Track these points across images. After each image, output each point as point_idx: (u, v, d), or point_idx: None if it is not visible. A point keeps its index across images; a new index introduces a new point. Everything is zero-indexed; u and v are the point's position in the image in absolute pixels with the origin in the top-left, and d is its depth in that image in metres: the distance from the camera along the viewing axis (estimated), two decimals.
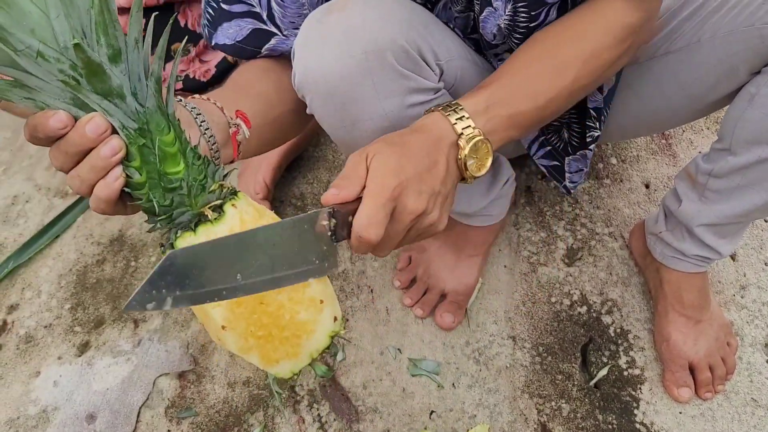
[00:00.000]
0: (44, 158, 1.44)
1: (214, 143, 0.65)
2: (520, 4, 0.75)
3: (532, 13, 0.75)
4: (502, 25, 0.79)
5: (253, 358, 0.56)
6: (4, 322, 1.18)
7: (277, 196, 1.35)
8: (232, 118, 0.69)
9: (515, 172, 1.11)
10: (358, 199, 0.61)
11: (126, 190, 0.54)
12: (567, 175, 1.04)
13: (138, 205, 0.56)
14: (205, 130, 0.64)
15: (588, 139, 0.95)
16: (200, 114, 0.65)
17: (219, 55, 1.32)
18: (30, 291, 1.22)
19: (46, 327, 1.17)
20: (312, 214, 0.57)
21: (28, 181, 1.40)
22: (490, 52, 0.91)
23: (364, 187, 0.61)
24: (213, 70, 1.31)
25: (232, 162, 0.71)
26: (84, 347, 1.14)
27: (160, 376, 1.10)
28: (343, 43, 0.71)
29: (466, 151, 0.67)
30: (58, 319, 1.18)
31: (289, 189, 1.37)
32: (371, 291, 1.20)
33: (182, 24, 1.29)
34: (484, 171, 0.70)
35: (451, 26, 0.89)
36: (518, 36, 0.80)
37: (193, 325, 1.16)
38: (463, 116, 0.68)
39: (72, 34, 0.47)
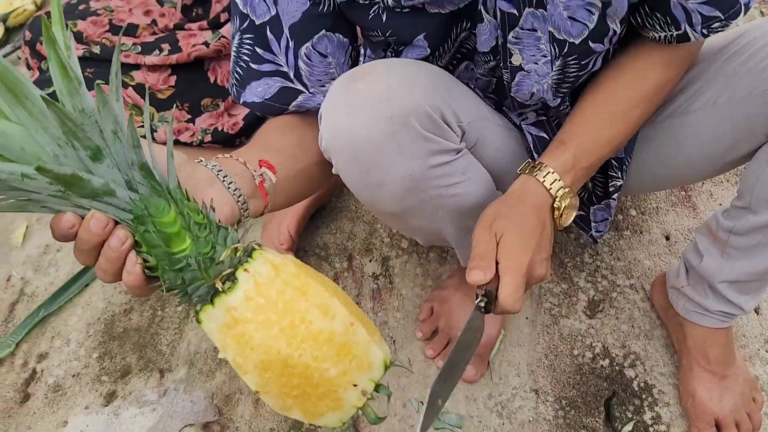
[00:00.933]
0: None
1: (240, 196, 0.67)
2: (570, 58, 0.80)
3: (582, 63, 0.81)
4: (550, 82, 0.83)
5: (296, 414, 0.56)
6: (34, 371, 1.20)
7: (300, 245, 1.37)
8: (255, 170, 0.71)
9: None
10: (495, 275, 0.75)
11: (147, 271, 0.56)
12: (593, 224, 1.05)
13: (160, 285, 0.57)
14: (229, 184, 0.66)
15: (611, 189, 0.97)
16: (221, 170, 0.66)
17: (246, 109, 1.36)
18: (59, 340, 1.25)
19: (74, 376, 1.19)
20: (474, 313, 0.74)
21: None
22: (514, 109, 0.94)
23: (497, 261, 0.75)
24: (241, 123, 1.35)
25: (262, 214, 0.73)
26: (110, 397, 1.16)
27: (185, 426, 1.11)
28: (369, 108, 0.74)
29: (562, 209, 0.80)
30: (86, 368, 1.20)
31: (313, 239, 1.39)
32: (393, 342, 1.21)
33: (212, 80, 1.34)
34: (572, 217, 0.82)
35: (472, 86, 0.92)
36: (566, 86, 0.85)
37: (218, 376, 1.17)
38: (556, 179, 0.80)
39: (56, 142, 0.48)
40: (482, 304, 0.73)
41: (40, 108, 0.47)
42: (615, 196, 0.98)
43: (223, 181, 0.66)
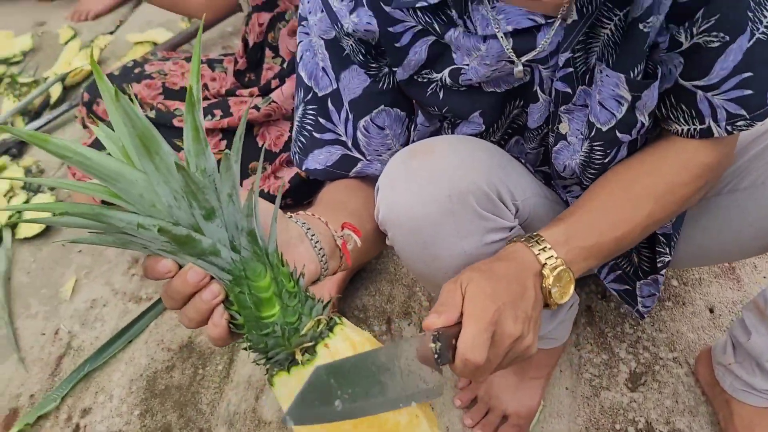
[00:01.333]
0: (122, 263, 1.52)
1: (324, 255, 0.69)
2: (596, 143, 0.80)
3: (608, 151, 0.81)
4: (578, 161, 0.84)
5: None
6: (77, 426, 1.22)
7: (339, 308, 1.38)
8: (336, 231, 0.73)
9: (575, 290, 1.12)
10: (458, 324, 0.64)
11: (232, 326, 0.58)
12: (639, 299, 1.05)
13: (242, 341, 0.59)
14: (316, 243, 0.69)
15: (659, 264, 0.97)
16: (310, 228, 0.70)
17: (292, 172, 1.41)
18: (103, 395, 1.26)
19: None
20: (417, 338, 0.60)
21: (106, 285, 1.48)
22: (559, 183, 0.96)
23: (461, 314, 0.65)
24: (287, 185, 1.39)
25: (334, 273, 0.75)
26: None
27: None
28: (427, 186, 0.76)
29: (550, 281, 0.72)
30: (128, 426, 1.21)
31: (352, 301, 1.40)
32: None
33: (260, 145, 1.39)
34: (567, 298, 0.74)
35: (522, 161, 0.95)
36: (592, 171, 0.85)
37: None
38: (545, 247, 0.73)
39: (173, 195, 0.51)
40: (436, 348, 0.60)
41: (167, 164, 0.50)
42: (663, 272, 0.98)
43: (311, 239, 0.69)
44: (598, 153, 0.82)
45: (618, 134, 0.78)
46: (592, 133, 0.80)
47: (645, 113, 0.77)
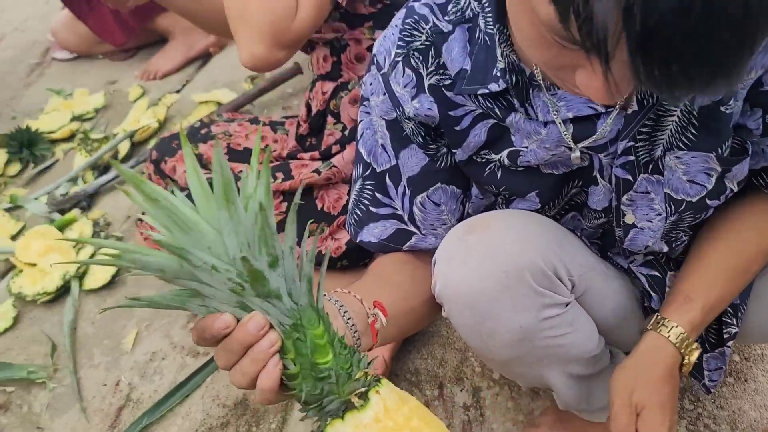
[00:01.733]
0: (181, 317, 1.57)
1: (356, 332, 0.72)
2: (686, 213, 0.83)
3: (697, 216, 0.84)
4: (664, 230, 0.86)
5: None
6: None
7: (392, 370, 1.39)
8: (369, 309, 0.76)
9: None
10: None
11: (282, 379, 0.61)
12: (706, 373, 1.03)
13: (292, 394, 0.61)
14: (348, 320, 0.71)
15: (725, 335, 0.96)
16: (343, 306, 0.72)
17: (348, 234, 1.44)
18: None
19: None
20: None
21: (166, 338, 1.53)
22: (621, 256, 0.96)
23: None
24: (344, 247, 1.42)
25: (370, 350, 0.77)
26: None
27: None
28: (484, 262, 0.78)
29: (690, 366, 0.85)
30: None
31: (404, 364, 1.41)
32: None
33: (319, 207, 1.43)
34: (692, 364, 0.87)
35: (578, 234, 0.96)
36: (675, 233, 0.88)
37: None
38: (684, 337, 0.83)
39: (240, 247, 0.55)
40: None
41: (240, 215, 0.55)
42: (729, 343, 0.96)
43: (344, 316, 0.71)
44: (687, 220, 0.85)
45: (708, 201, 0.81)
46: (682, 207, 0.82)
47: (734, 182, 0.79)
